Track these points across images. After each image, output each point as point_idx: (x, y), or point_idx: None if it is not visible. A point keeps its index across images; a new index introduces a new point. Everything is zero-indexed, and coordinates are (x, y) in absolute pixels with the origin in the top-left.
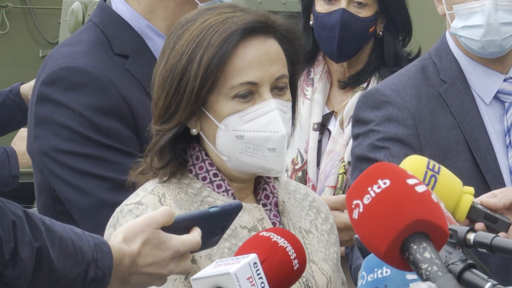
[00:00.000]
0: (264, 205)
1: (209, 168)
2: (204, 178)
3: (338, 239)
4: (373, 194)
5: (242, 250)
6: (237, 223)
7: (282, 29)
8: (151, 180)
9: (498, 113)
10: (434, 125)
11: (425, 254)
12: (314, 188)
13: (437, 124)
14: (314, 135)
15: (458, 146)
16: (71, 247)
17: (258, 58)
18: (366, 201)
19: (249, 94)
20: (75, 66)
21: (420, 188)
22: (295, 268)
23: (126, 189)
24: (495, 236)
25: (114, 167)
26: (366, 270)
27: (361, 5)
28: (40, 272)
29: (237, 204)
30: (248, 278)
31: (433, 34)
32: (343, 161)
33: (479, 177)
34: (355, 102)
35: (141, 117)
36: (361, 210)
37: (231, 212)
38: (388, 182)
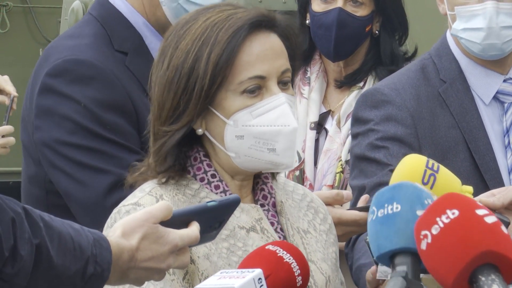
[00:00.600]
0: (262, 205)
1: (207, 169)
2: (202, 179)
3: (336, 239)
4: (441, 225)
5: (247, 263)
6: (235, 223)
7: (282, 25)
8: (149, 181)
9: (497, 113)
10: (433, 124)
11: (493, 286)
12: (311, 187)
13: (436, 123)
14: (311, 134)
15: (457, 146)
16: (70, 243)
17: (264, 52)
18: (434, 231)
19: (257, 89)
20: (81, 59)
21: (489, 219)
22: (298, 284)
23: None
24: None
25: (116, 162)
26: (377, 205)
27: (357, 4)
28: (39, 269)
29: (235, 198)
30: None
31: (431, 34)
32: (340, 160)
33: (478, 176)
34: (352, 101)
35: (142, 114)
36: (429, 240)
37: (229, 206)
38: (456, 212)
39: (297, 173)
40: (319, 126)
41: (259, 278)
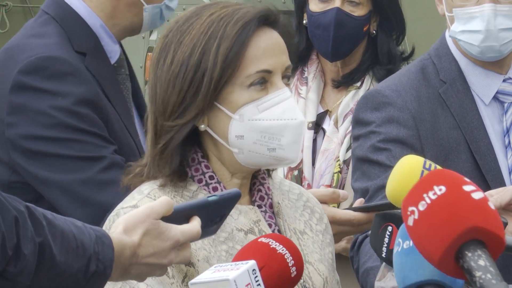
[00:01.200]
0: (259, 206)
1: (205, 170)
2: (200, 181)
3: (332, 239)
4: (428, 201)
5: (241, 256)
6: (233, 226)
7: (283, 24)
8: (147, 182)
9: (497, 113)
10: (434, 125)
11: (479, 261)
12: (309, 187)
13: (437, 124)
14: (309, 134)
15: (458, 147)
16: (73, 241)
17: (271, 46)
18: (421, 207)
19: (263, 82)
20: (56, 56)
21: (476, 195)
22: (293, 275)
23: (117, 167)
24: None
25: (96, 149)
26: (402, 237)
27: (355, 4)
28: (42, 267)
29: (235, 192)
30: (246, 285)
31: (430, 34)
32: (338, 160)
33: (480, 177)
34: (349, 101)
35: (109, 113)
36: (416, 217)
37: (230, 200)
38: (444, 188)
39: (295, 173)
40: (317, 126)
41: (253, 270)
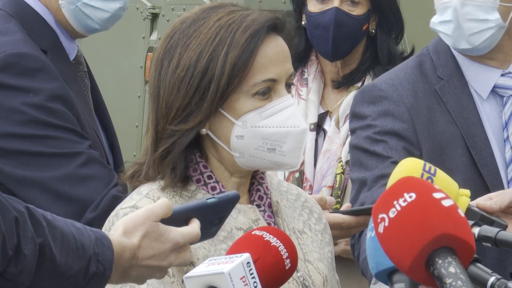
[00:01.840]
0: (258, 205)
1: (203, 170)
2: (198, 180)
3: (331, 239)
4: (398, 208)
5: (235, 249)
6: (232, 225)
7: (288, 28)
8: (146, 184)
9: (496, 107)
10: (431, 120)
11: (450, 268)
12: (311, 188)
13: (433, 119)
14: (311, 136)
15: (455, 141)
16: (73, 242)
17: (277, 55)
18: (391, 214)
19: (267, 91)
20: (24, 52)
21: (446, 202)
22: (287, 267)
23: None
24: (500, 230)
25: (71, 145)
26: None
27: (354, 3)
28: (42, 268)
29: (234, 194)
30: (241, 278)
31: (430, 34)
32: (341, 161)
33: (475, 171)
34: (350, 102)
35: (78, 109)
36: (386, 224)
37: (229, 202)
38: (414, 195)
39: (297, 175)
40: (318, 127)
41: (248, 262)
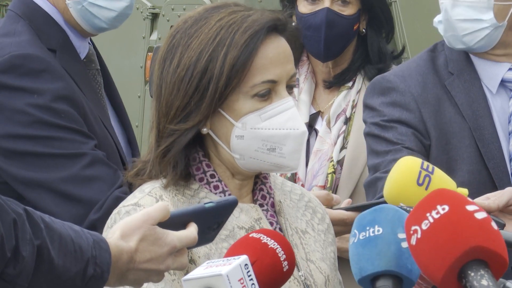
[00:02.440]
0: (260, 205)
1: (206, 169)
2: (201, 179)
3: (334, 239)
4: (431, 220)
5: (233, 252)
6: (234, 224)
7: (291, 29)
8: (149, 182)
9: (506, 101)
10: (439, 110)
11: (482, 281)
12: (303, 187)
13: (442, 109)
14: None
15: (462, 132)
16: (71, 245)
17: (277, 56)
18: (424, 227)
19: (267, 93)
20: (29, 53)
21: (479, 214)
22: (285, 269)
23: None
24: (498, 229)
25: (76, 145)
26: (358, 228)
27: (344, 3)
28: (40, 270)
29: (233, 199)
30: (239, 280)
31: (429, 34)
32: (332, 160)
33: (482, 164)
34: (341, 101)
35: (84, 107)
36: (419, 236)
37: (227, 207)
38: (447, 208)
39: (288, 174)
40: (309, 127)
41: (246, 264)
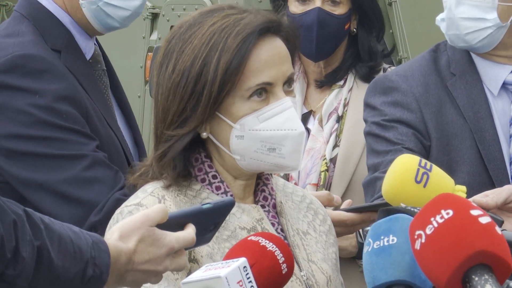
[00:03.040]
0: (262, 206)
1: (208, 170)
2: (203, 180)
3: (336, 240)
4: (435, 225)
5: (231, 254)
6: (236, 224)
7: (286, 29)
8: (151, 182)
9: (507, 103)
10: (440, 110)
11: (486, 286)
12: (296, 185)
13: (443, 110)
14: None
15: (463, 133)
16: (70, 246)
17: (272, 58)
18: (428, 231)
19: (263, 92)
20: (31, 53)
21: (483, 219)
22: (284, 272)
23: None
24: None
25: (78, 147)
26: (373, 237)
27: (335, 3)
28: (40, 270)
29: (229, 200)
30: (238, 282)
31: (429, 34)
32: (325, 158)
33: (482, 166)
34: (333, 100)
35: (87, 107)
36: (423, 240)
37: (224, 208)
38: (451, 212)
39: (281, 173)
40: None
41: (244, 266)
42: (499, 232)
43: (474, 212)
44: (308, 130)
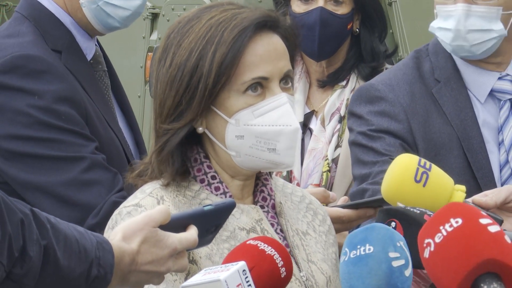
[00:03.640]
0: (261, 206)
1: (207, 170)
2: (202, 180)
3: (336, 240)
4: (444, 233)
5: (230, 258)
6: (235, 225)
7: (285, 26)
8: (150, 182)
9: (493, 111)
10: (427, 120)
11: None
12: (298, 186)
13: (430, 119)
14: None
15: (451, 143)
16: (75, 246)
17: (268, 53)
18: (437, 239)
19: (259, 86)
20: (31, 54)
21: (493, 228)
22: (283, 276)
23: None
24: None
25: (76, 149)
26: (349, 246)
27: (337, 2)
28: (46, 270)
29: (230, 202)
30: (237, 285)
31: (429, 34)
32: (327, 159)
33: (470, 174)
34: (335, 100)
35: (87, 108)
36: (432, 248)
37: (225, 210)
38: (460, 221)
39: (284, 173)
40: (304, 127)
41: (243, 270)
42: (509, 241)
43: (483, 220)
44: (310, 130)
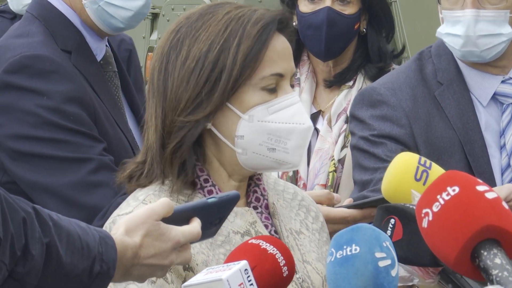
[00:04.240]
0: (255, 207)
1: (199, 173)
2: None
3: (329, 237)
4: (442, 202)
5: (232, 258)
6: (229, 229)
7: (291, 28)
8: (142, 189)
9: (496, 114)
10: (429, 124)
11: (495, 260)
12: (305, 186)
13: (432, 124)
14: None
15: (452, 147)
16: (78, 242)
17: (284, 51)
18: (435, 209)
19: (275, 89)
20: (40, 54)
21: (490, 194)
22: (285, 275)
23: (105, 169)
24: None
25: (84, 150)
26: (335, 247)
27: (345, 2)
28: (49, 267)
29: (234, 194)
30: (239, 285)
31: (429, 34)
32: (333, 159)
33: None
34: (342, 100)
35: (96, 109)
36: (430, 218)
37: (229, 202)
38: (457, 189)
39: (290, 173)
40: None
41: (245, 269)
42: (506, 207)
43: (480, 187)
44: (317, 130)
